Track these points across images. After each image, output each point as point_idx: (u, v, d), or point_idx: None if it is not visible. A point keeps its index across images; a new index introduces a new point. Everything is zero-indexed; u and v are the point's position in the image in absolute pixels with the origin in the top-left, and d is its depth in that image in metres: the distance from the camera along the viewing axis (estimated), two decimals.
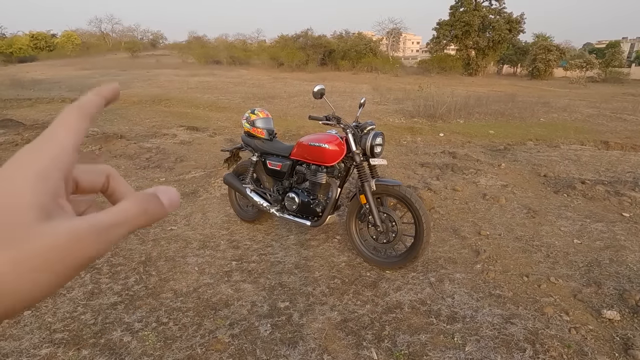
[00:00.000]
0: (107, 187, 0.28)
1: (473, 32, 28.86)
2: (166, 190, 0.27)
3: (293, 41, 30.85)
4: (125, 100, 10.54)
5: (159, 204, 0.25)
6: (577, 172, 4.61)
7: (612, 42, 36.57)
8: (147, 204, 0.25)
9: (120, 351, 1.74)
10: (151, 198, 0.25)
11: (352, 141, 2.35)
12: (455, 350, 1.77)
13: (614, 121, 8.71)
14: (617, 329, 1.91)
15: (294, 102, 10.81)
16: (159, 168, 4.49)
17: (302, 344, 1.81)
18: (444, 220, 3.20)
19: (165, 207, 0.26)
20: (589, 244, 2.81)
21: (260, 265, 2.51)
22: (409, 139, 6.52)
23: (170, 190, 0.27)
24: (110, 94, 0.28)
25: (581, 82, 22.13)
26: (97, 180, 0.27)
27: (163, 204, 0.26)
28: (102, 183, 0.28)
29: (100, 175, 0.28)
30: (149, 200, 0.25)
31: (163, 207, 0.26)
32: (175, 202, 0.27)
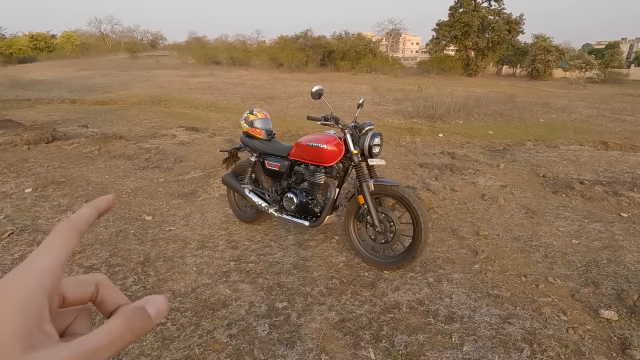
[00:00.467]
0: (96, 297, 0.28)
1: (472, 33, 28.92)
2: (154, 301, 0.26)
3: (293, 42, 30.91)
4: (125, 101, 10.55)
5: (146, 319, 0.25)
6: (575, 173, 4.61)
7: (611, 43, 36.62)
8: (133, 322, 0.24)
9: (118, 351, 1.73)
10: (138, 314, 0.25)
11: (351, 141, 2.35)
12: (453, 350, 1.77)
13: (613, 122, 8.72)
14: (615, 328, 1.91)
15: (293, 102, 10.82)
16: (158, 168, 4.49)
17: (300, 344, 1.81)
18: (443, 221, 3.20)
19: (151, 321, 0.25)
20: (587, 244, 2.81)
21: (259, 265, 2.51)
22: (408, 139, 6.52)
23: (158, 300, 0.26)
24: (105, 207, 0.29)
25: (580, 82, 22.17)
26: (85, 292, 0.27)
27: (150, 318, 0.25)
28: (90, 293, 0.27)
29: (89, 285, 0.28)
30: (135, 316, 0.25)
31: (150, 320, 0.25)
32: (163, 312, 0.26)
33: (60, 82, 15.20)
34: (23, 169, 4.23)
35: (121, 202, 3.47)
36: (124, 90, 12.70)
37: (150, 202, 3.54)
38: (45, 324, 0.22)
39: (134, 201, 3.53)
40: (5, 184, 3.77)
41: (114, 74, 19.14)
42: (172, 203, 3.53)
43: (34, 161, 4.50)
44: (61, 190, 3.70)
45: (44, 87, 13.77)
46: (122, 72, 20.77)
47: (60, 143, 5.31)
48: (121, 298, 0.28)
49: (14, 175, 4.01)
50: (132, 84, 14.61)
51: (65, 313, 0.27)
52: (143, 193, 3.73)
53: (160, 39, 56.06)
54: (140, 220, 3.14)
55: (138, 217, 3.20)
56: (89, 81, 15.73)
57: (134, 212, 3.28)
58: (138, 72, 20.25)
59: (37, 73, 19.94)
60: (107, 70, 22.00)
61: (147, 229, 2.98)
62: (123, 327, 0.24)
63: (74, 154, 4.88)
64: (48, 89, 13.18)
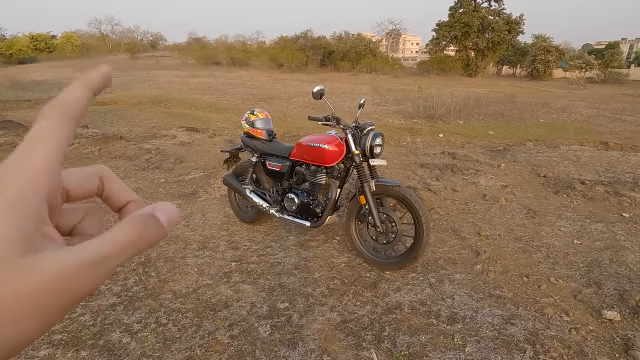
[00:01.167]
0: (103, 190, 0.25)
1: (472, 33, 28.94)
2: (164, 207, 0.24)
3: (293, 42, 30.93)
4: (125, 102, 10.55)
5: (158, 226, 0.23)
6: (576, 173, 4.61)
7: (611, 43, 36.64)
8: (144, 229, 0.22)
9: (120, 352, 1.73)
10: (149, 220, 0.23)
11: (352, 142, 2.34)
12: (455, 351, 1.76)
13: (614, 122, 8.72)
14: (618, 329, 1.91)
15: (293, 103, 10.82)
16: (158, 169, 4.48)
17: (301, 344, 1.80)
18: (444, 221, 3.20)
19: (164, 228, 0.23)
20: (589, 245, 2.80)
21: (260, 266, 2.51)
22: (409, 139, 6.52)
23: (168, 207, 0.24)
24: (100, 81, 0.24)
25: (580, 82, 22.18)
26: (89, 185, 0.25)
27: (162, 225, 0.23)
28: (95, 186, 0.25)
29: (92, 178, 0.25)
30: (146, 223, 0.22)
31: (162, 228, 0.23)
32: (175, 220, 0.24)
33: (60, 83, 15.20)
34: None
35: None
36: (124, 91, 12.70)
37: (151, 202, 3.52)
38: (45, 226, 0.21)
39: None
40: None
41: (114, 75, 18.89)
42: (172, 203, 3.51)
43: None
44: None
45: (44, 87, 13.77)
46: (122, 72, 20.77)
47: None
48: (129, 193, 0.26)
49: None
50: (133, 85, 14.62)
51: (72, 210, 0.25)
52: (144, 194, 3.73)
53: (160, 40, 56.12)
54: None
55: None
56: None
57: None
58: (138, 73, 20.25)
59: (37, 74, 19.96)
60: None
61: None
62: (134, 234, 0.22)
63: (75, 155, 4.87)
64: (48, 89, 13.18)
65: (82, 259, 0.19)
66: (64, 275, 0.18)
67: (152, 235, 0.22)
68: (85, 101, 0.23)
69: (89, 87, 0.23)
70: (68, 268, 0.19)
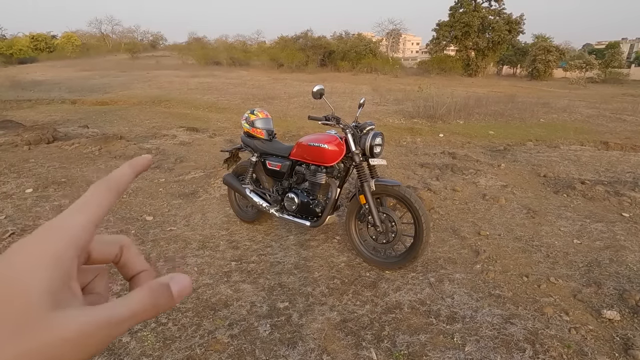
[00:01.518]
0: (120, 259, 0.28)
1: (473, 33, 28.92)
2: (179, 279, 0.26)
3: (293, 42, 30.91)
4: (125, 102, 10.55)
5: (169, 297, 0.24)
6: (576, 173, 4.60)
7: (612, 43, 36.63)
8: (158, 299, 0.24)
9: (119, 351, 1.73)
10: (163, 291, 0.24)
11: (352, 141, 2.34)
12: (455, 350, 1.76)
13: (614, 122, 8.71)
14: (617, 329, 1.91)
15: (293, 102, 10.82)
16: (158, 169, 4.49)
17: (301, 344, 1.81)
18: (444, 221, 3.20)
19: (173, 300, 0.25)
20: (588, 244, 2.80)
21: (260, 265, 2.51)
22: (409, 139, 6.52)
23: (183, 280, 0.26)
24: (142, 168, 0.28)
25: (581, 82, 22.16)
26: (110, 252, 0.27)
27: (172, 296, 0.25)
28: (115, 254, 0.27)
29: (114, 246, 0.28)
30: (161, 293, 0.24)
31: (172, 299, 0.25)
32: (186, 292, 0.26)
33: (60, 83, 15.21)
34: (24, 169, 4.23)
35: (122, 203, 3.47)
36: (124, 91, 12.70)
37: (151, 202, 3.54)
38: (73, 282, 0.22)
39: (134, 201, 3.52)
40: (6, 184, 3.77)
41: (114, 75, 19.16)
42: (172, 203, 3.52)
43: (34, 161, 4.50)
44: (62, 190, 3.70)
45: (44, 87, 13.78)
46: (123, 72, 20.78)
47: (60, 143, 5.31)
48: (143, 263, 0.28)
49: (14, 176, 4.01)
50: (133, 85, 14.62)
51: (87, 270, 0.27)
52: (144, 193, 3.73)
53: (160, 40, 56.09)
54: (141, 221, 3.14)
55: (139, 217, 3.20)
56: (90, 82, 15.74)
57: (135, 213, 3.28)
58: (138, 73, 20.26)
59: (37, 74, 19.96)
60: (108, 70, 22.01)
61: (147, 229, 2.98)
62: (147, 302, 0.23)
63: (75, 155, 4.88)
64: (48, 89, 13.19)
65: (101, 321, 0.21)
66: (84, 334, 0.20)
67: (162, 306, 0.24)
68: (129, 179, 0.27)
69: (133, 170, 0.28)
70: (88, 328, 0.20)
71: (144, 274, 0.28)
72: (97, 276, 0.28)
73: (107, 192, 0.26)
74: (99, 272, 0.28)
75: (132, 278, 0.28)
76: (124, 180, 0.27)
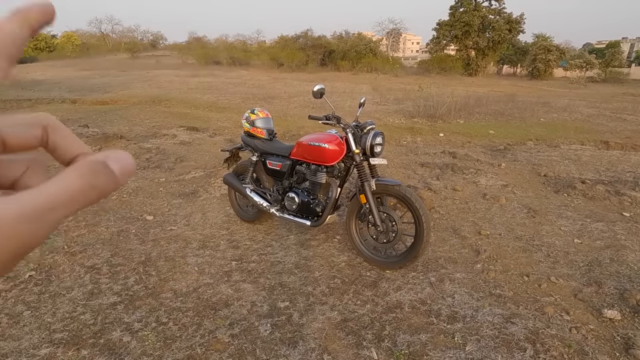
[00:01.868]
0: (47, 141, 0.23)
1: (473, 33, 28.87)
2: (118, 155, 0.22)
3: (293, 42, 30.87)
4: (126, 101, 10.55)
5: (109, 174, 0.21)
6: (577, 172, 4.60)
7: (612, 42, 36.60)
8: (95, 177, 0.20)
9: (120, 351, 1.73)
10: (99, 167, 0.20)
11: (352, 141, 2.34)
12: (455, 350, 1.76)
13: (614, 121, 8.70)
14: (618, 328, 1.91)
15: (293, 102, 10.81)
16: (159, 168, 4.48)
17: (302, 343, 1.81)
18: (444, 220, 3.20)
19: (117, 178, 0.21)
20: (589, 244, 2.80)
21: (260, 265, 2.51)
22: (409, 139, 6.52)
23: (122, 155, 0.22)
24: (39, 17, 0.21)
25: (581, 82, 22.13)
26: (30, 135, 0.22)
27: (115, 174, 0.21)
28: (38, 137, 0.22)
29: (33, 127, 0.22)
30: (97, 170, 0.20)
31: (115, 177, 0.21)
32: (129, 170, 0.22)
33: (60, 82, 15.21)
34: None
35: (122, 202, 3.47)
36: (124, 90, 12.70)
37: (151, 201, 3.54)
38: None
39: (135, 201, 3.52)
40: None
41: (114, 74, 19.15)
42: (173, 203, 3.52)
43: None
44: None
45: (44, 87, 13.77)
46: (123, 72, 20.77)
47: None
48: (79, 145, 0.24)
49: None
50: (133, 84, 14.61)
51: (12, 162, 0.23)
52: (144, 193, 3.73)
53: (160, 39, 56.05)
54: (142, 220, 3.14)
55: (139, 216, 3.20)
56: (90, 81, 15.73)
57: (135, 212, 3.28)
58: (138, 72, 20.25)
59: (37, 73, 19.94)
60: (108, 70, 22.00)
61: (148, 229, 2.98)
62: (83, 182, 0.19)
63: None
64: (49, 89, 13.18)
65: (23, 209, 0.17)
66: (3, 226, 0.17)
67: (104, 184, 0.20)
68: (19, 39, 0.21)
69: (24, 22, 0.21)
70: (7, 219, 0.17)
71: (82, 157, 0.23)
72: (29, 169, 0.23)
73: None
74: (30, 162, 0.24)
75: (69, 164, 0.23)
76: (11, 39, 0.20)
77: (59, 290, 2.16)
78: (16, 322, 1.90)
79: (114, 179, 0.21)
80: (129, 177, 0.22)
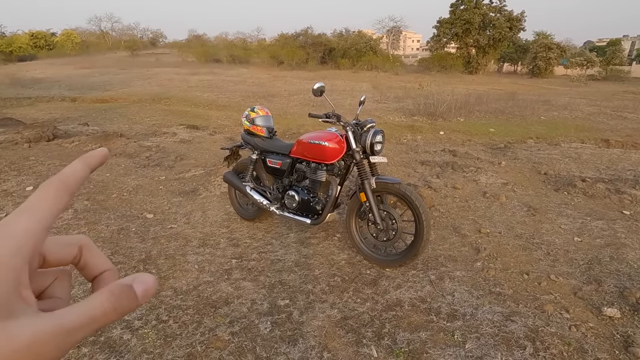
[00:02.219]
0: (79, 260, 0.26)
1: (473, 30, 28.79)
2: (143, 279, 0.24)
3: (293, 39, 30.81)
4: (125, 99, 10.54)
5: (132, 298, 0.23)
6: (577, 170, 4.60)
7: (613, 40, 36.50)
8: (119, 301, 0.22)
9: (120, 349, 1.74)
10: (124, 292, 0.23)
11: (352, 139, 2.34)
12: (455, 347, 1.77)
13: (615, 119, 8.69)
14: (618, 326, 1.91)
15: (293, 100, 10.80)
16: (158, 166, 4.48)
17: (302, 341, 1.81)
18: (444, 218, 3.20)
19: (137, 301, 0.23)
20: (589, 242, 2.80)
21: (260, 263, 2.51)
22: (409, 137, 6.51)
23: (147, 279, 0.24)
24: (98, 162, 0.26)
25: (582, 80, 22.10)
26: (68, 253, 0.26)
27: (136, 297, 0.23)
28: (73, 256, 0.26)
29: (72, 247, 0.26)
30: (122, 295, 0.23)
31: (136, 300, 0.23)
32: (151, 292, 0.24)
33: (60, 80, 15.19)
34: (24, 167, 4.23)
35: (122, 200, 3.47)
36: (124, 89, 12.68)
37: (152, 200, 3.54)
38: (24, 290, 0.21)
39: (135, 199, 3.52)
40: (6, 182, 3.77)
41: (114, 72, 19.12)
42: (173, 201, 3.53)
43: (34, 159, 4.50)
44: None
45: (44, 85, 13.76)
46: (123, 70, 20.74)
47: (61, 141, 5.31)
48: (105, 263, 0.27)
49: (15, 174, 4.01)
50: (133, 82, 14.60)
51: (44, 274, 0.26)
52: (144, 191, 3.73)
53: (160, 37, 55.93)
54: (142, 218, 3.14)
55: (139, 215, 3.20)
56: (89, 79, 15.71)
57: (135, 210, 3.28)
58: (138, 70, 20.23)
59: (37, 71, 19.93)
60: (108, 68, 21.97)
61: (148, 227, 2.98)
62: (107, 306, 0.22)
63: (75, 152, 4.87)
64: (48, 87, 13.17)
65: (56, 328, 0.20)
66: (37, 343, 0.19)
67: (125, 308, 0.22)
68: (83, 175, 0.25)
69: (87, 166, 0.26)
70: (41, 337, 0.19)
71: (107, 274, 0.27)
72: (57, 279, 0.26)
73: (57, 192, 0.23)
74: (58, 274, 0.27)
75: (95, 279, 0.27)
76: (76, 177, 0.25)
77: None
78: None
79: (134, 302, 0.23)
80: (149, 299, 0.24)
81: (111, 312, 0.22)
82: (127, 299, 0.23)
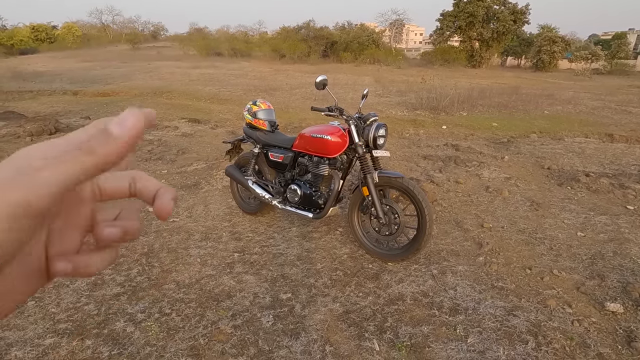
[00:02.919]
0: (135, 190, 0.27)
1: (477, 23, 28.48)
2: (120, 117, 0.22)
3: (295, 33, 30.56)
4: (127, 93, 10.51)
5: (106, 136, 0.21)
6: (581, 165, 4.57)
7: (618, 34, 36.06)
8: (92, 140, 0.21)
9: (124, 341, 1.75)
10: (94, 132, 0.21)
11: (355, 133, 2.32)
12: (457, 342, 1.77)
13: (619, 114, 8.61)
14: (620, 321, 1.91)
15: (295, 94, 10.75)
16: (160, 160, 4.48)
17: (304, 335, 1.81)
18: (447, 213, 3.19)
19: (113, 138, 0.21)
20: (592, 237, 2.79)
21: (263, 257, 2.51)
22: (412, 131, 6.48)
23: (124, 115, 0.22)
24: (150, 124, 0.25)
25: (586, 74, 21.88)
26: (121, 185, 0.27)
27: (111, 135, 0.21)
28: (126, 187, 0.27)
29: (123, 180, 0.27)
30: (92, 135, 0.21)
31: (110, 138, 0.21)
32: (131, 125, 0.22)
33: (62, 74, 15.15)
34: None
35: None
36: (125, 82, 12.65)
37: None
38: None
39: None
40: None
41: (115, 66, 19.06)
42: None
43: None
44: None
45: (45, 78, 13.73)
46: (124, 63, 20.67)
47: (63, 135, 5.30)
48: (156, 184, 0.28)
49: None
50: (134, 76, 14.55)
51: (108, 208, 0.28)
52: None
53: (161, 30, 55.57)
54: (144, 212, 3.14)
55: (141, 208, 3.20)
56: (91, 73, 15.67)
57: None
58: (139, 64, 20.15)
59: (38, 64, 19.88)
60: (109, 61, 21.89)
61: (150, 221, 2.98)
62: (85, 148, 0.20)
63: None
64: (50, 80, 13.15)
65: None
66: None
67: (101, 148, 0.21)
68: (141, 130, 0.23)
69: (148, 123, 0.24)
70: None
71: (160, 191, 0.28)
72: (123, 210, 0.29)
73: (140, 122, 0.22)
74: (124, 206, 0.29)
75: (153, 201, 0.28)
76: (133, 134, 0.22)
77: (62, 280, 2.17)
78: (21, 312, 1.91)
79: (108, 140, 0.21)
80: (134, 133, 0.22)
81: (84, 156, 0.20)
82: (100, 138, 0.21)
